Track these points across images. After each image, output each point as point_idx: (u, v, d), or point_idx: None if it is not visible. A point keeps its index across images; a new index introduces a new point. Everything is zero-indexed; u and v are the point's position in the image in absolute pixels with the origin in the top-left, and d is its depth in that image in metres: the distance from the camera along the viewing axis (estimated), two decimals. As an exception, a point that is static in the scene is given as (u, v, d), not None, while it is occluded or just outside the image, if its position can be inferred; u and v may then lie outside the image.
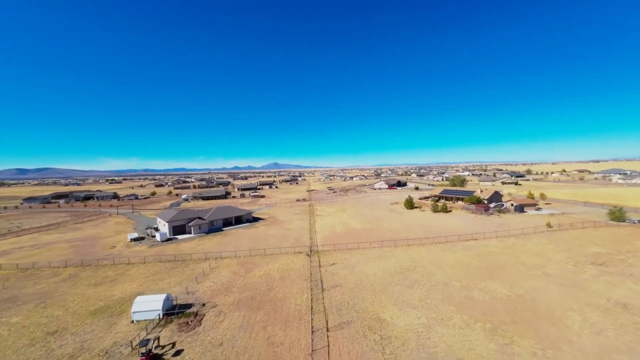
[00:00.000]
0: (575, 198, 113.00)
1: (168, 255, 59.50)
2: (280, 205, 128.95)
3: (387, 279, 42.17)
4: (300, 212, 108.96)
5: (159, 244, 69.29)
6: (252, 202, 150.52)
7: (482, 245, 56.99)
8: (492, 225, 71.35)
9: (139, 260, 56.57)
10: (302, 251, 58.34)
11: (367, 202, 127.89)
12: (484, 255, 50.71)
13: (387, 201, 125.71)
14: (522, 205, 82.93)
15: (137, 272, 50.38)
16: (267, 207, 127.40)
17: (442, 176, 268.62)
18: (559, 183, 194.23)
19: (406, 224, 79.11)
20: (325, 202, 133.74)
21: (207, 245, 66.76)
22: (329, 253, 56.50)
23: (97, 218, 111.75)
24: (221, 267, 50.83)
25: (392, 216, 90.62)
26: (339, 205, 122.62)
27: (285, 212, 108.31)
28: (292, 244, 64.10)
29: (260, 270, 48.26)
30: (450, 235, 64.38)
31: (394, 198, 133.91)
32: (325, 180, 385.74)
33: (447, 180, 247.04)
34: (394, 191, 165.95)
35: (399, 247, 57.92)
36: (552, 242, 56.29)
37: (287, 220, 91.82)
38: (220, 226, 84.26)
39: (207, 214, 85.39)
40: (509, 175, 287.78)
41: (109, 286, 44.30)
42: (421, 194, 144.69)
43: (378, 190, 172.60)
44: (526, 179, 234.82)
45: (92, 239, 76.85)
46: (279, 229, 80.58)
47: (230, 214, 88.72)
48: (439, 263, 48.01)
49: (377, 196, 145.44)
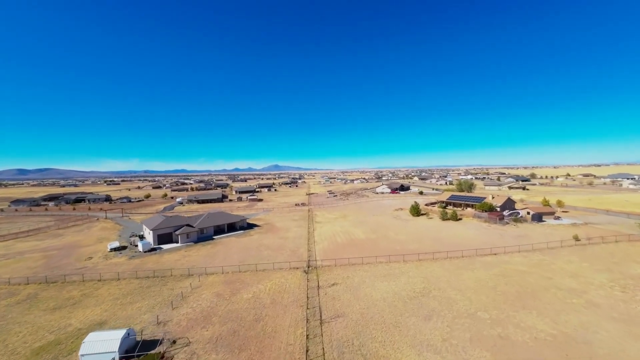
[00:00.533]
0: (592, 205, 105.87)
1: (147, 269, 52.58)
2: (277, 210, 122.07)
3: (399, 307, 35.19)
4: (298, 218, 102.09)
5: (141, 255, 62.39)
6: (249, 206, 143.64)
7: (504, 261, 49.96)
8: (510, 237, 64.19)
9: (113, 275, 49.66)
10: (298, 266, 51.40)
11: (370, 207, 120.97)
12: (510, 276, 43.69)
13: (391, 207, 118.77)
14: (540, 214, 75.75)
15: (107, 291, 43.47)
16: (264, 212, 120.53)
17: (445, 180, 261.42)
18: (567, 188, 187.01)
19: (414, 233, 72.12)
20: (325, 207, 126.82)
21: (193, 257, 59.85)
22: (329, 269, 49.55)
23: (82, 223, 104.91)
24: (204, 287, 43.90)
25: (397, 224, 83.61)
26: (339, 210, 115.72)
27: (282, 218, 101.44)
28: (287, 257, 57.15)
29: (249, 292, 41.32)
30: (466, 248, 57.32)
31: (397, 203, 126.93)
32: (326, 183, 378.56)
33: (450, 184, 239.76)
34: (397, 196, 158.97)
35: (409, 263, 50.95)
36: (585, 260, 49.18)
37: (283, 228, 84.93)
38: (210, 234, 77.39)
39: (197, 220, 78.55)
40: (514, 179, 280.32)
41: (69, 311, 37.37)
42: (426, 199, 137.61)
43: (380, 195, 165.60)
44: (532, 184, 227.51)
45: (69, 248, 69.99)
46: (274, 237, 73.70)
47: (222, 221, 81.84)
48: (458, 285, 41.03)
49: (379, 201, 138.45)
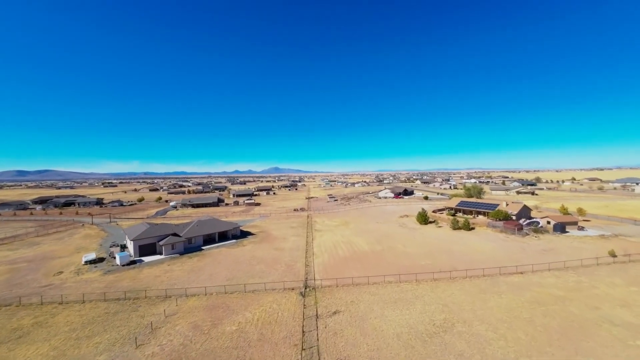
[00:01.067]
0: (612, 212, 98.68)
1: (120, 289, 45.54)
2: (275, 216, 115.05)
3: (418, 349, 28.10)
4: (296, 225, 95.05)
5: (118, 270, 55.34)
6: (246, 211, 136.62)
7: (535, 283, 42.83)
8: (534, 252, 56.96)
9: (78, 297, 42.59)
10: (294, 287, 44.33)
11: (373, 213, 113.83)
12: (546, 303, 36.55)
13: (396, 213, 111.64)
14: (562, 224, 68.52)
15: (65, 319, 36.42)
16: (260, 217, 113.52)
17: (449, 184, 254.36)
18: (578, 193, 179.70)
19: (424, 245, 65.02)
20: (325, 213, 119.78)
21: (176, 272, 52.80)
22: (329, 291, 42.48)
23: (65, 229, 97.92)
24: (181, 314, 36.83)
25: (404, 234, 76.50)
26: (340, 216, 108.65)
27: (279, 225, 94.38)
28: (282, 274, 50.08)
29: (233, 323, 34.24)
30: (487, 266, 50.20)
31: (402, 209, 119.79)
32: (326, 186, 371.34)
33: (455, 188, 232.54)
34: (401, 201, 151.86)
35: (423, 284, 43.87)
36: (632, 283, 41.87)
37: (280, 237, 77.89)
38: (199, 244, 70.36)
39: (185, 229, 71.56)
40: (520, 183, 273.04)
41: (8, 349, 30.28)
42: (433, 205, 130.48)
43: (383, 200, 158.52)
44: (539, 188, 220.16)
45: (41, 260, 62.95)
46: (269, 248, 66.65)
47: (212, 229, 74.81)
48: (485, 315, 33.93)
49: (383, 207, 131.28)
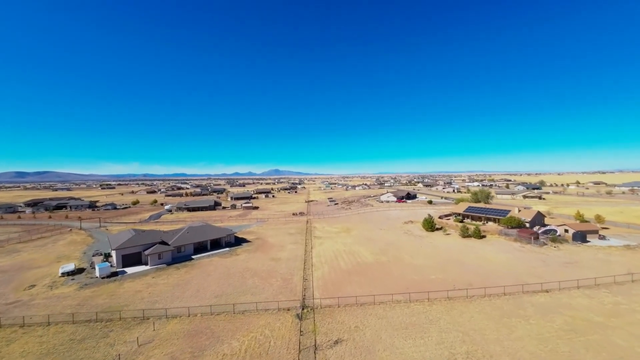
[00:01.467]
0: (631, 220, 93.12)
1: (94, 307, 40.29)
2: (273, 221, 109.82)
3: (439, 396, 22.85)
4: (295, 231, 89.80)
5: (96, 283, 50.09)
6: (243, 215, 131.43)
7: (565, 305, 37.48)
8: (557, 265, 51.61)
9: (43, 318, 37.28)
10: (290, 306, 39.04)
11: (376, 219, 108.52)
12: (584, 332, 31.22)
13: (400, 219, 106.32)
14: (582, 233, 63.11)
15: (22, 348, 31.17)
16: (257, 222, 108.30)
17: (452, 187, 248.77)
18: (586, 198, 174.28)
19: (433, 256, 59.69)
20: (325, 218, 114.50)
21: (159, 286, 47.56)
22: (330, 312, 37.20)
23: (51, 235, 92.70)
24: (157, 342, 31.56)
25: (410, 242, 71.19)
26: (342, 222, 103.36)
27: (277, 232, 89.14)
28: (277, 290, 44.81)
29: (217, 355, 28.91)
30: (506, 281, 44.90)
31: (406, 215, 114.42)
32: (326, 189, 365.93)
33: (458, 192, 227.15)
34: (404, 205, 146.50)
35: (436, 303, 38.57)
36: (678, 304, 36.75)
37: (277, 245, 72.65)
38: (189, 253, 65.13)
39: (174, 236, 66.38)
40: (525, 187, 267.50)
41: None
42: (438, 210, 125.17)
43: (386, 204, 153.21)
44: (545, 192, 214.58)
45: (17, 270, 57.69)
46: (264, 258, 61.40)
47: (204, 237, 69.59)
48: (515, 349, 28.62)
49: (386, 212, 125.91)
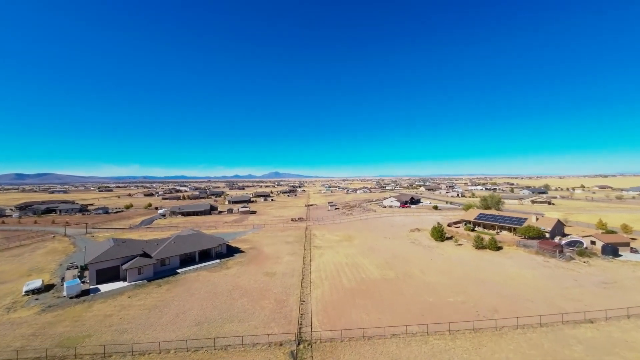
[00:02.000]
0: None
1: (51, 337, 33.78)
2: (270, 227, 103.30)
3: None
4: (293, 239, 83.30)
5: (62, 304, 43.53)
6: (239, 220, 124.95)
7: (619, 341, 30.80)
8: (592, 285, 44.79)
9: (-16, 354, 30.89)
10: (283, 340, 32.48)
11: (379, 226, 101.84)
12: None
13: (405, 226, 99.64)
14: (613, 246, 56.34)
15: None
16: (253, 229, 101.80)
17: (456, 191, 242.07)
18: (598, 203, 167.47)
19: (447, 271, 53.05)
20: (326, 224, 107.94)
21: (133, 310, 40.99)
22: (332, 349, 30.62)
23: (31, 242, 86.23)
24: (113, 393, 25.06)
25: (420, 254, 64.56)
26: (343, 229, 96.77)
27: (274, 240, 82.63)
28: (268, 315, 38.18)
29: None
30: (538, 306, 38.15)
31: (412, 221, 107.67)
32: (326, 192, 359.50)
33: (462, 196, 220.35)
34: (409, 210, 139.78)
35: (460, 337, 31.97)
36: None
37: (272, 255, 66.14)
38: (175, 266, 58.59)
39: (158, 247, 59.91)
40: (530, 191, 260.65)
41: None
42: (444, 216, 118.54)
43: (389, 209, 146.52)
44: (553, 197, 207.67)
45: (-22, 286, 51.33)
46: (257, 272, 54.86)
47: (192, 247, 63.01)
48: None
49: (389, 218, 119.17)
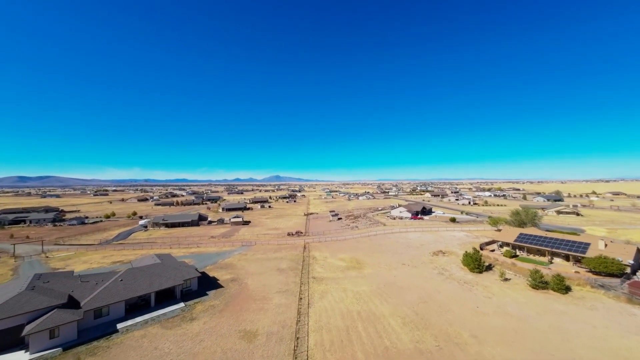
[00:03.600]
0: None
1: None
2: (262, 246, 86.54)
3: None
4: (287, 264, 66.53)
5: None
6: (228, 234, 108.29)
7: None
8: None
9: None
10: None
11: (392, 245, 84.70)
12: None
13: (424, 246, 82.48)
14: None
15: None
16: (242, 247, 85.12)
17: (467, 199, 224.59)
18: (629, 213, 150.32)
19: (512, 336, 35.80)
20: (328, 241, 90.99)
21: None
22: None
23: (-37, 267, 69.79)
24: None
25: (458, 296, 47.37)
26: (349, 249, 79.79)
27: (263, 265, 65.86)
28: None
29: None
30: None
31: (431, 240, 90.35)
32: (327, 197, 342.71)
33: (474, 204, 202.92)
34: (422, 223, 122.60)
35: None
36: None
37: (258, 293, 49.29)
38: (117, 316, 41.70)
39: (98, 288, 43.16)
40: (544, 198, 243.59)
41: None
42: (468, 232, 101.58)
43: (399, 221, 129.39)
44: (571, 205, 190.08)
45: None
46: (230, 332, 37.90)
47: (148, 287, 45.90)
48: None
49: (403, 234, 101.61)
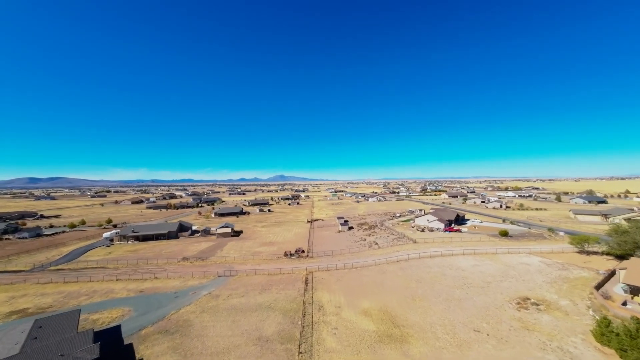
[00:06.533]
0: None
1: None
2: (244, 277, 59.53)
3: None
4: (276, 327, 39.24)
5: None
6: (207, 252, 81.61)
7: None
8: None
9: None
10: None
11: (440, 282, 55.93)
12: None
13: (491, 285, 53.61)
14: None
15: None
16: (216, 280, 58.24)
17: (499, 202, 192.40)
18: None
19: None
20: (340, 272, 62.95)
21: None
22: None
23: None
24: None
25: None
26: (374, 291, 51.77)
27: (235, 329, 38.61)
28: None
29: None
30: None
31: (495, 272, 60.95)
32: (332, 198, 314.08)
33: (507, 208, 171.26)
34: (464, 238, 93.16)
35: None
36: None
37: None
38: None
39: None
40: (584, 199, 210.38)
41: None
42: (539, 254, 72.59)
43: (429, 234, 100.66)
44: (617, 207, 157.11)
45: None
46: None
47: None
48: None
49: (448, 260, 71.04)
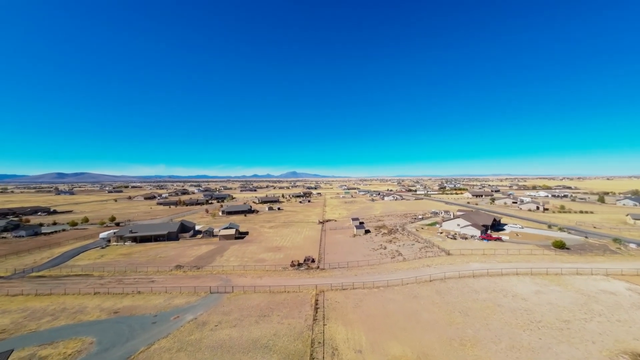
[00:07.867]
0: None
1: None
2: (241, 295, 47.26)
3: None
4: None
5: None
6: (205, 258, 70.24)
7: None
8: None
9: None
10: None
11: (493, 316, 41.25)
12: None
13: (571, 325, 38.41)
14: None
15: None
16: (206, 298, 46.36)
17: (535, 204, 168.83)
18: None
19: None
20: (358, 295, 49.23)
21: None
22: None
23: None
24: None
25: None
26: (405, 326, 37.78)
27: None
28: None
29: None
30: None
31: (570, 304, 45.29)
32: (345, 196, 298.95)
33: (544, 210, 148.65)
34: (510, 250, 76.62)
35: None
36: None
37: None
38: None
39: None
40: (634, 202, 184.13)
41: None
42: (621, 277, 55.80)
43: (462, 242, 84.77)
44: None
45: None
46: None
47: None
48: None
49: (498, 282, 56.18)
